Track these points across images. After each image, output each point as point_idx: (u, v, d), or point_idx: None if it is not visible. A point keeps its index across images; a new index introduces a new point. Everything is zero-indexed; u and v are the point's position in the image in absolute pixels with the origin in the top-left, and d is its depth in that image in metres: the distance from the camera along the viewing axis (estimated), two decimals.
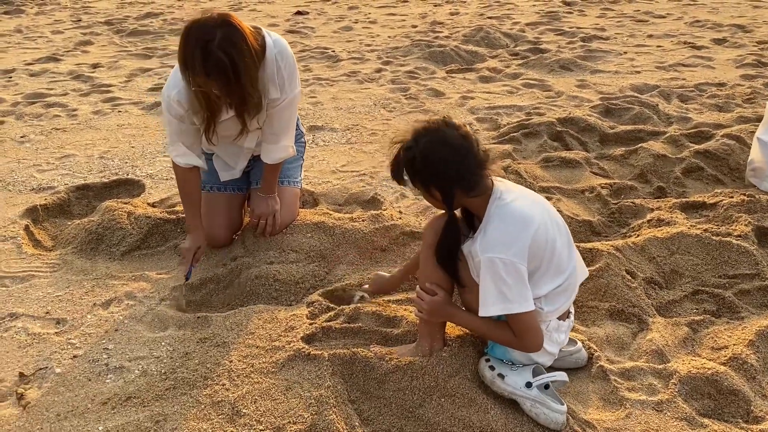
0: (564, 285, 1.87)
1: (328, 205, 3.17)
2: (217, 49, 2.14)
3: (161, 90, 5.01)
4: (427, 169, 1.82)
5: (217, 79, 2.19)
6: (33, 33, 7.39)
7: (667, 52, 5.68)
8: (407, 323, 2.19)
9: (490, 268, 1.76)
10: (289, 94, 2.52)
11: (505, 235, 1.78)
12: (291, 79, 2.50)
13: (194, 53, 2.15)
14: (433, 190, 1.85)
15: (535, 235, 1.79)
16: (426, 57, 5.82)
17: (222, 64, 2.16)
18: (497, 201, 1.84)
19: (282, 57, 2.44)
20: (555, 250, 1.85)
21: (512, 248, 1.76)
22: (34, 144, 4.05)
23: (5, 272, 2.63)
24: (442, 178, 1.82)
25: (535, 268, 1.82)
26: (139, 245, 2.79)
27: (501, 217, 1.81)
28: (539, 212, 1.85)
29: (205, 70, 2.17)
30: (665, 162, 3.39)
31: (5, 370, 2.08)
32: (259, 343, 2.15)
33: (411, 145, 1.84)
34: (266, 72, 2.41)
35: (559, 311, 1.89)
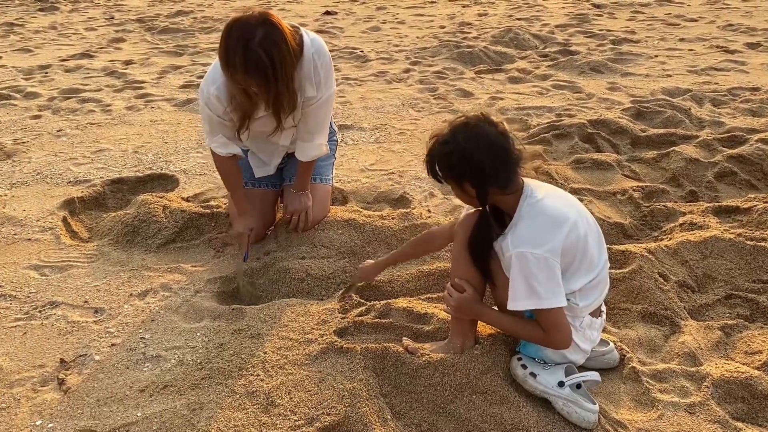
0: (596, 280, 1.88)
1: (357, 203, 3.19)
2: (257, 47, 2.18)
3: (192, 87, 5.12)
4: (463, 164, 1.83)
5: (256, 76, 2.23)
6: (67, 30, 7.54)
7: (699, 56, 5.62)
8: (438, 320, 2.20)
9: (522, 262, 1.77)
10: (325, 93, 2.55)
11: (538, 231, 1.79)
12: (327, 78, 2.53)
13: (235, 51, 2.20)
14: (467, 186, 1.86)
15: (568, 233, 1.80)
16: (454, 57, 5.83)
17: (262, 62, 2.20)
18: (528, 198, 1.85)
19: (319, 56, 2.48)
20: (587, 246, 1.86)
21: (545, 245, 1.77)
22: (70, 138, 4.14)
23: (45, 261, 2.69)
24: (478, 174, 1.83)
25: (568, 264, 1.83)
26: (174, 238, 2.84)
27: (533, 215, 1.82)
28: (571, 210, 1.86)
29: (245, 68, 2.21)
30: (697, 166, 3.37)
31: (46, 355, 2.14)
32: (292, 336, 2.18)
33: (448, 140, 1.85)
34: (303, 70, 2.45)
35: (592, 306, 1.90)
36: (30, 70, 5.80)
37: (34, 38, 7.13)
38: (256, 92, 2.31)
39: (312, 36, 2.50)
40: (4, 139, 4.10)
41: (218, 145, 2.57)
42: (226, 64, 2.26)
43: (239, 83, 2.29)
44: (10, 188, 3.40)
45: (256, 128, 2.58)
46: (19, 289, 2.50)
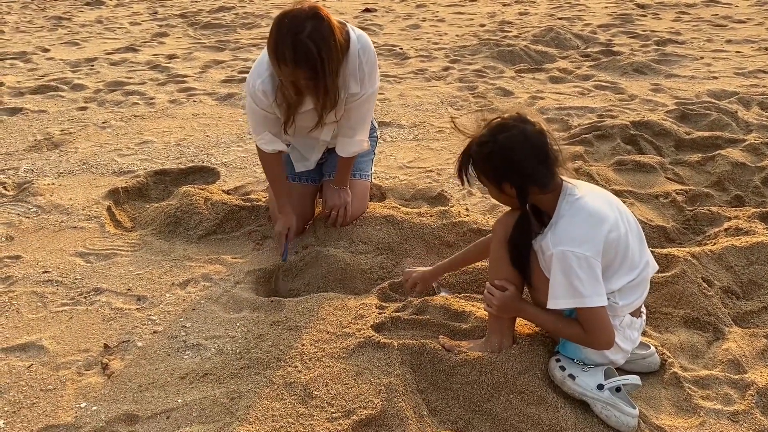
0: (637, 279, 1.87)
1: (395, 200, 3.20)
2: (307, 39, 2.21)
3: (234, 82, 5.19)
4: (504, 164, 1.82)
5: (305, 68, 2.26)
6: (112, 24, 7.71)
7: (746, 58, 5.48)
8: (475, 318, 2.19)
9: (563, 261, 1.76)
10: (368, 90, 2.56)
11: (578, 230, 1.78)
12: (371, 75, 2.55)
13: (285, 43, 2.22)
14: (507, 186, 1.85)
15: (609, 232, 1.78)
16: (494, 56, 5.79)
17: (311, 55, 2.22)
18: (567, 197, 1.84)
19: (364, 52, 2.49)
20: (628, 246, 1.84)
21: (586, 243, 1.76)
22: (115, 129, 4.23)
23: (90, 249, 2.76)
24: (519, 174, 1.82)
25: (609, 263, 1.81)
26: (215, 230, 2.89)
27: (572, 213, 1.81)
28: (611, 209, 1.85)
29: (294, 60, 2.23)
30: (744, 170, 3.29)
31: (91, 340, 2.20)
32: (330, 329, 2.20)
33: (487, 140, 1.84)
34: (348, 66, 2.46)
35: (632, 306, 1.88)
36: (77, 62, 5.95)
37: (81, 32, 7.30)
38: (304, 85, 2.33)
39: (358, 33, 2.52)
40: (52, 130, 4.21)
41: (264, 142, 2.61)
42: (275, 55, 2.28)
43: (287, 76, 2.31)
44: (58, 177, 3.49)
45: (299, 123, 2.60)
46: (66, 275, 2.57)
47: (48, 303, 2.40)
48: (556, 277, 1.78)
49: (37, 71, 5.67)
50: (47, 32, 7.30)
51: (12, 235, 2.87)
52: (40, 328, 2.26)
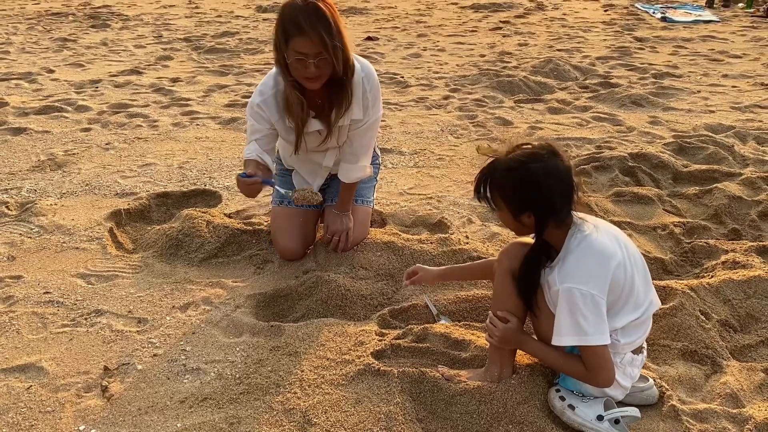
0: (641, 318, 1.87)
1: (395, 226, 3.22)
2: (319, 3, 2.29)
3: (237, 106, 5.24)
4: (532, 195, 1.81)
5: (319, 28, 2.28)
6: (117, 46, 7.79)
7: (743, 93, 5.56)
8: (475, 347, 2.20)
9: (569, 298, 1.77)
10: (372, 117, 2.61)
11: (586, 267, 1.79)
12: (374, 102, 2.59)
13: (299, 11, 2.28)
14: (527, 216, 1.84)
15: (615, 270, 1.79)
16: (494, 86, 5.86)
17: (324, 15, 2.29)
18: (577, 233, 1.84)
19: (368, 80, 2.54)
20: (634, 284, 1.85)
21: (592, 281, 1.77)
22: (118, 151, 4.26)
23: (91, 270, 2.77)
24: (544, 207, 1.80)
25: (614, 301, 1.82)
26: (216, 253, 2.90)
27: (581, 250, 1.81)
28: (619, 247, 1.85)
29: (310, 23, 2.27)
30: (741, 204, 3.32)
31: (90, 362, 2.20)
32: (329, 355, 2.20)
33: (517, 166, 1.81)
34: (353, 92, 2.51)
35: (634, 344, 1.89)
36: (81, 84, 6.00)
37: (86, 53, 7.38)
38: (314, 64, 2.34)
39: (362, 61, 2.57)
40: (55, 150, 4.24)
41: (249, 152, 2.59)
42: (290, 27, 2.31)
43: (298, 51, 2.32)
44: (60, 197, 3.51)
45: (307, 143, 2.63)
46: (67, 296, 2.58)
47: (48, 324, 2.40)
48: (561, 314, 1.79)
49: (41, 92, 5.72)
50: (53, 53, 7.37)
51: (14, 255, 2.88)
52: (40, 349, 2.26)
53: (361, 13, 10.02)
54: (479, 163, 1.97)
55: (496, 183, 1.85)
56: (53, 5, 10.91)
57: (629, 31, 8.33)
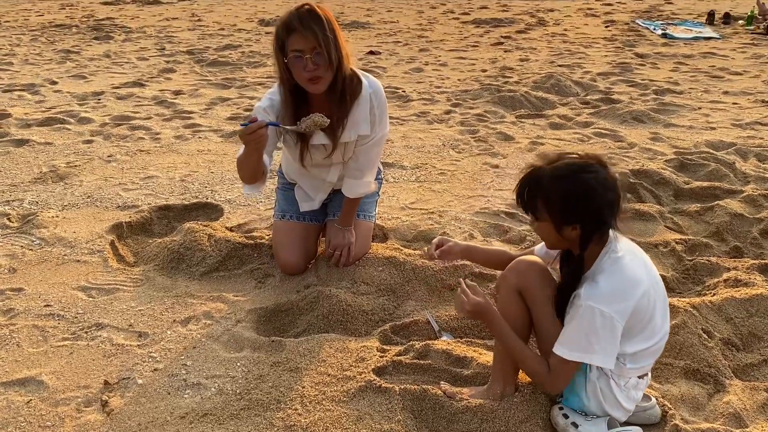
0: (654, 347, 1.86)
1: (397, 241, 3.22)
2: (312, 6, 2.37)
3: (239, 119, 5.25)
4: (583, 207, 1.76)
5: (312, 24, 2.34)
6: (120, 59, 7.82)
7: (743, 110, 5.57)
8: (477, 365, 2.20)
9: (589, 315, 1.74)
10: (379, 133, 2.63)
11: (613, 290, 1.76)
12: (382, 118, 2.62)
13: (292, 15, 2.36)
14: (571, 229, 1.78)
15: (640, 299, 1.77)
16: (495, 101, 5.88)
17: (316, 14, 2.35)
18: (611, 252, 1.80)
19: (376, 96, 2.58)
20: (654, 314, 1.84)
21: (616, 304, 1.74)
22: (120, 164, 4.27)
23: (92, 283, 2.77)
24: (592, 219, 1.76)
25: (630, 327, 1.80)
26: (218, 267, 2.90)
27: (612, 271, 1.77)
28: (647, 274, 1.83)
29: (302, 21, 2.34)
30: (742, 221, 3.32)
31: (91, 376, 2.19)
32: (330, 371, 2.19)
33: (567, 175, 1.77)
34: (360, 109, 2.53)
35: (641, 371, 1.88)
36: (84, 96, 6.02)
37: (88, 65, 7.41)
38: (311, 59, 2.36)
39: (370, 79, 2.61)
40: (57, 162, 4.25)
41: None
42: (284, 29, 2.38)
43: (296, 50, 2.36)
44: (62, 210, 3.52)
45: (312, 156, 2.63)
46: (67, 309, 2.57)
47: (49, 337, 2.40)
48: (574, 327, 1.78)
49: (44, 103, 5.74)
50: (56, 65, 7.41)
51: (15, 267, 2.88)
52: (41, 363, 2.25)
53: (364, 28, 10.07)
54: (481, 178, 1.95)
55: (542, 191, 1.78)
56: (57, 17, 10.97)
57: (630, 47, 8.37)
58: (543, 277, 1.95)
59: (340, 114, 2.51)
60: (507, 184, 3.93)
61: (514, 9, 11.91)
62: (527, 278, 1.94)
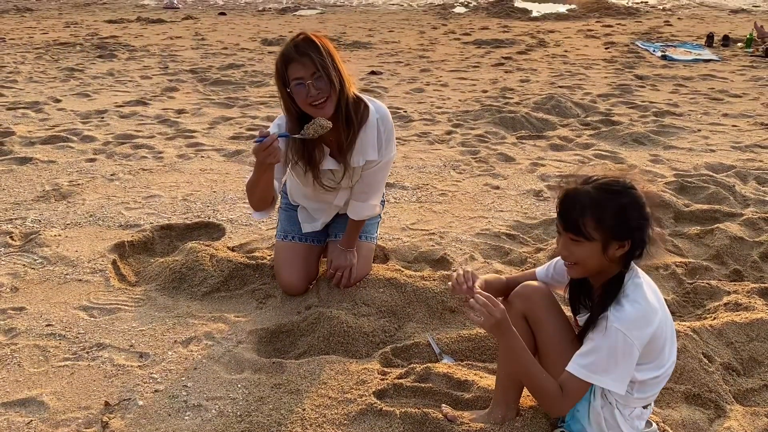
0: (661, 377, 1.86)
1: (398, 261, 3.23)
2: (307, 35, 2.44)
3: (241, 139, 5.29)
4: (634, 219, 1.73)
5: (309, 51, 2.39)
6: (124, 77, 7.88)
7: (743, 132, 5.61)
8: (478, 388, 2.20)
9: (612, 338, 1.73)
10: (385, 157, 2.67)
11: (638, 315, 1.75)
12: (389, 143, 2.66)
13: (288, 47, 2.43)
14: (618, 246, 1.75)
15: (657, 328, 1.78)
16: (496, 122, 5.92)
17: (312, 42, 2.41)
18: (634, 277, 1.80)
19: (383, 122, 2.62)
20: (665, 344, 1.84)
21: (637, 331, 1.74)
22: (123, 182, 4.29)
23: (94, 303, 2.78)
24: (642, 234, 1.75)
25: (644, 355, 1.79)
26: (219, 287, 2.90)
27: (635, 298, 1.77)
28: (659, 304, 1.84)
29: (299, 49, 2.39)
30: (742, 245, 3.33)
31: (92, 397, 2.19)
32: (331, 394, 2.19)
33: (618, 190, 1.73)
34: (368, 134, 2.56)
35: (646, 400, 1.88)
36: (87, 114, 6.07)
37: (92, 83, 7.47)
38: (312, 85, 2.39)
39: (377, 104, 2.66)
40: (60, 180, 4.27)
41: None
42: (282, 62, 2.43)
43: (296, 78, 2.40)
44: (64, 228, 3.53)
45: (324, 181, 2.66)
46: (69, 329, 2.58)
47: (50, 357, 2.40)
48: (593, 347, 1.75)
49: (48, 121, 5.78)
50: (59, 83, 7.46)
51: (17, 286, 2.89)
52: (41, 383, 2.25)
53: (365, 48, 10.16)
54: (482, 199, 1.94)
55: (594, 208, 1.73)
56: (61, 35, 11.07)
57: (630, 68, 8.43)
58: (548, 303, 1.96)
59: (348, 138, 2.54)
60: (508, 206, 3.95)
61: (514, 30, 12.02)
62: (533, 303, 1.95)
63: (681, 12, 14.72)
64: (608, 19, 13.46)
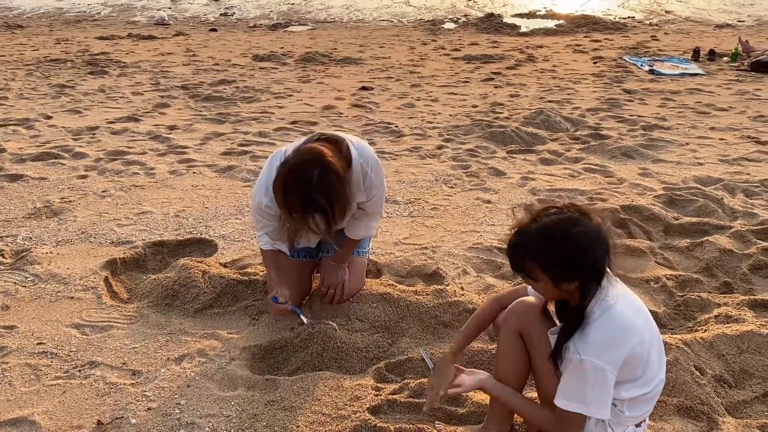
0: (650, 394, 1.86)
1: (391, 276, 3.24)
2: (315, 192, 2.29)
3: (233, 155, 5.29)
4: (576, 261, 1.73)
5: (316, 217, 2.35)
6: (115, 93, 7.89)
7: (730, 146, 5.67)
8: (472, 403, 2.20)
9: (581, 369, 1.74)
10: (377, 194, 2.72)
11: (604, 340, 1.74)
12: (377, 182, 2.69)
13: (295, 197, 2.32)
14: (568, 283, 1.76)
15: (633, 348, 1.76)
16: (486, 136, 5.96)
17: (321, 206, 2.31)
18: (602, 301, 1.77)
19: (367, 164, 2.63)
20: (650, 360, 1.83)
21: (607, 354, 1.73)
22: (115, 199, 4.29)
23: (86, 321, 2.76)
24: (591, 272, 1.74)
25: (625, 376, 1.79)
26: (212, 304, 2.90)
27: (603, 321, 1.75)
28: (641, 320, 1.82)
29: (304, 211, 2.33)
30: (731, 257, 3.36)
31: (84, 416, 2.17)
32: (325, 410, 2.19)
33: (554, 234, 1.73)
34: (353, 181, 2.58)
35: (639, 418, 1.88)
36: (78, 130, 6.06)
37: (83, 100, 7.47)
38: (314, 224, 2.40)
39: (358, 146, 2.64)
40: (52, 197, 4.26)
41: (264, 243, 2.74)
42: (285, 206, 2.37)
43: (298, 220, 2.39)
44: (56, 246, 3.52)
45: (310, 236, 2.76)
46: (61, 347, 2.56)
47: (41, 376, 2.39)
48: (570, 380, 1.78)
49: (39, 138, 5.77)
50: (50, 99, 7.46)
51: (8, 305, 2.87)
52: (33, 402, 2.24)
53: (356, 63, 10.22)
54: (473, 213, 1.95)
55: (533, 254, 1.75)
56: (52, 52, 11.08)
57: (618, 83, 8.52)
58: (543, 320, 1.97)
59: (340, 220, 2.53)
60: (499, 220, 3.97)
61: (504, 45, 12.12)
62: (528, 321, 1.96)
63: (667, 27, 14.90)
64: (596, 34, 13.60)
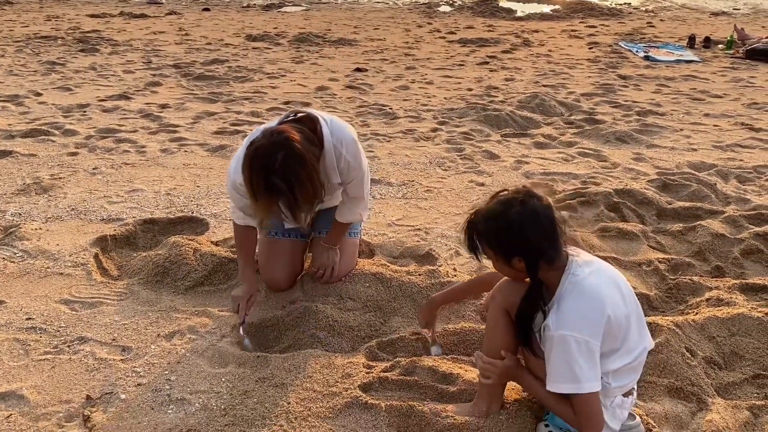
0: (634, 363, 1.87)
1: (383, 257, 3.23)
2: (278, 180, 2.22)
3: (225, 134, 5.25)
4: (516, 241, 1.81)
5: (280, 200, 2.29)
6: (106, 71, 7.79)
7: (724, 132, 5.67)
8: (463, 381, 2.20)
9: (563, 345, 1.75)
10: (354, 177, 2.62)
11: (580, 313, 1.77)
12: (354, 162, 2.58)
13: (258, 183, 2.25)
14: (517, 261, 1.84)
15: (609, 316, 1.77)
16: (481, 120, 5.93)
17: (282, 190, 2.24)
18: (571, 276, 1.81)
19: (342, 144, 2.52)
20: (629, 329, 1.84)
21: (586, 327, 1.75)
22: (105, 176, 4.25)
23: (75, 297, 2.74)
24: (531, 250, 1.81)
25: (607, 346, 1.80)
26: (203, 281, 2.88)
27: (575, 295, 1.79)
28: (615, 290, 1.84)
29: (268, 196, 2.27)
30: (723, 241, 3.37)
31: (73, 391, 2.16)
32: (316, 387, 2.19)
33: (496, 215, 1.83)
34: (326, 161, 2.51)
35: (625, 388, 1.89)
36: (69, 108, 5.99)
37: (74, 77, 7.38)
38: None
39: (333, 125, 2.54)
40: (41, 174, 4.21)
41: (237, 218, 2.67)
42: (250, 190, 2.29)
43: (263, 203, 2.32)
44: (46, 222, 3.48)
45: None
46: (50, 323, 2.54)
47: (30, 351, 2.36)
48: (556, 361, 1.78)
49: (28, 115, 5.70)
50: (41, 76, 7.36)
51: None
52: (21, 377, 2.22)
53: (350, 45, 10.14)
54: (467, 195, 1.98)
55: (480, 234, 1.88)
56: (42, 29, 10.92)
57: (613, 68, 8.49)
58: None
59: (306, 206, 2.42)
60: None
61: (499, 29, 12.05)
62: (513, 298, 1.95)
63: (663, 14, 14.86)
64: (592, 19, 13.54)
